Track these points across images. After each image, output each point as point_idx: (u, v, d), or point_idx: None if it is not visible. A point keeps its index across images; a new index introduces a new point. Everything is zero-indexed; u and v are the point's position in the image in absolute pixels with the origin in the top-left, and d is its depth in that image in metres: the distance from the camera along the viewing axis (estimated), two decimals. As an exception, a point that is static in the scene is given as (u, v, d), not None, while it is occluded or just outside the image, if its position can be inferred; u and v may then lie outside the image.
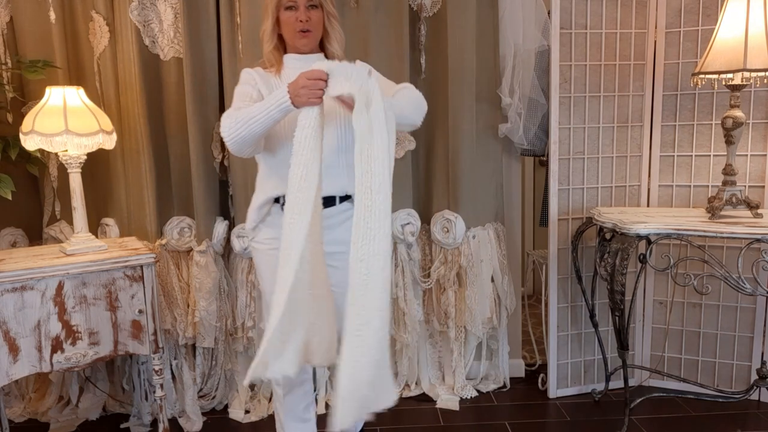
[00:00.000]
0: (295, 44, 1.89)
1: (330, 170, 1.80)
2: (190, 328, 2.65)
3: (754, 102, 2.58)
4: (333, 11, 1.90)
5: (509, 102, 2.70)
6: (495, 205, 2.83)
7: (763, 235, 2.13)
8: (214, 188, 2.67)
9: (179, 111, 2.60)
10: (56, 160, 2.60)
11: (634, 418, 2.58)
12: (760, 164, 2.60)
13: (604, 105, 2.70)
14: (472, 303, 2.75)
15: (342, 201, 1.90)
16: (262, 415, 2.68)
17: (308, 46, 1.89)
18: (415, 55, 2.67)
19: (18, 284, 2.06)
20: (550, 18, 2.61)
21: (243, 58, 2.54)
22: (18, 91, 2.57)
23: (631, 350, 2.84)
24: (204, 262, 2.61)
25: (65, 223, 2.65)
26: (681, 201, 2.73)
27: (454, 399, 2.79)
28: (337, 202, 1.89)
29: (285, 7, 1.84)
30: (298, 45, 1.88)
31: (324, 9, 1.87)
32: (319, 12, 1.86)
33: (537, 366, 3.09)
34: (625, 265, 2.29)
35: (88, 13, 2.57)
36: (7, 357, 2.06)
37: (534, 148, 2.86)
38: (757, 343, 2.68)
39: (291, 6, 1.83)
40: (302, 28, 1.84)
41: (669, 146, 2.72)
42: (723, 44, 2.22)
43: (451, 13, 2.59)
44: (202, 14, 2.53)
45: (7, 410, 2.68)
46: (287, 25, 1.86)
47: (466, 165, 2.69)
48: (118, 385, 2.77)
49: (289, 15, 1.84)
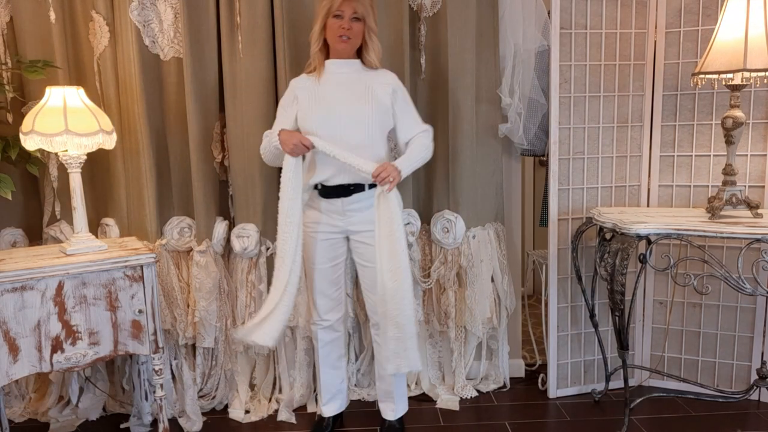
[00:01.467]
0: (336, 47, 2.21)
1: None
2: (190, 328, 2.65)
3: (754, 102, 2.58)
4: (374, 27, 2.22)
5: (509, 102, 2.70)
6: (495, 205, 2.83)
7: (763, 235, 2.13)
8: (214, 188, 2.67)
9: (179, 111, 2.60)
10: (56, 160, 2.60)
11: (634, 418, 2.58)
12: (760, 164, 2.60)
13: (604, 105, 2.70)
14: (472, 303, 2.75)
15: (370, 188, 2.25)
16: (262, 415, 2.68)
17: (346, 50, 2.22)
18: (415, 55, 2.67)
19: (18, 284, 2.06)
20: (550, 18, 2.61)
21: (243, 58, 2.54)
22: (18, 91, 2.57)
23: (631, 350, 2.84)
24: (204, 262, 2.61)
25: (65, 223, 2.65)
26: (681, 201, 2.73)
27: (454, 399, 2.79)
28: (366, 188, 2.25)
29: (333, 15, 2.16)
30: (338, 48, 2.21)
31: (366, 23, 2.19)
32: (361, 25, 2.19)
33: (537, 366, 3.09)
34: (625, 265, 2.29)
35: (88, 13, 2.58)
36: (7, 357, 2.06)
37: (534, 148, 2.85)
38: (757, 343, 2.68)
39: (338, 15, 2.16)
40: (343, 34, 2.16)
41: (669, 146, 2.72)
42: (723, 44, 2.22)
43: (451, 13, 2.59)
44: (202, 14, 2.53)
45: (7, 410, 2.68)
46: (332, 30, 2.18)
47: (466, 165, 2.69)
48: (118, 385, 2.77)
49: (335, 22, 2.17)
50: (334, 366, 2.49)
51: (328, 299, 2.38)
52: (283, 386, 2.78)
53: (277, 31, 2.54)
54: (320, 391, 2.53)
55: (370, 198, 2.24)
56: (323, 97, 2.22)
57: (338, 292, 2.40)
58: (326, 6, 2.16)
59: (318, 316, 2.41)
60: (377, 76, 2.26)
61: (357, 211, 2.26)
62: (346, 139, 2.18)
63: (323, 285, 2.36)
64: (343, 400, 2.58)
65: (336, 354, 2.49)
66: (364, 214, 2.25)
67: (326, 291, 2.37)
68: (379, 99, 2.23)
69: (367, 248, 2.27)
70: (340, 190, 2.24)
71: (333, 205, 2.27)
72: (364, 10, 2.17)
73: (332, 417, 2.54)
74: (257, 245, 2.64)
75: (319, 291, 2.37)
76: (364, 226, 2.25)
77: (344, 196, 2.25)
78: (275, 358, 2.79)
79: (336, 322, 2.42)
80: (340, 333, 2.47)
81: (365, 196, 2.25)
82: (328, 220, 2.29)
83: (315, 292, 2.37)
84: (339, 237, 2.33)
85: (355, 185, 2.23)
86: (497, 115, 2.75)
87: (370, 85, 2.23)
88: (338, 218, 2.28)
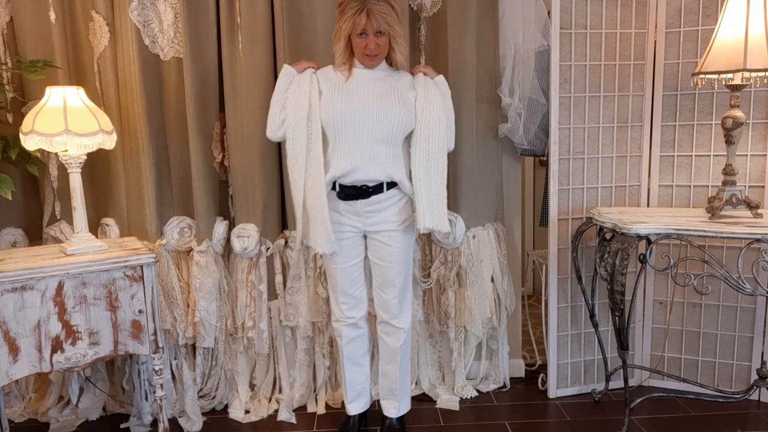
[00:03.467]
0: (364, 63, 2.21)
1: (377, 160, 2.20)
2: (190, 328, 2.65)
3: (754, 102, 2.58)
4: (399, 31, 2.18)
5: (509, 102, 2.70)
6: (495, 205, 2.83)
7: (763, 235, 2.13)
8: (214, 188, 2.67)
9: (179, 111, 2.60)
10: (56, 160, 2.60)
11: (634, 418, 2.58)
12: (760, 164, 2.60)
13: (604, 105, 2.70)
14: (472, 303, 2.75)
15: (389, 188, 2.24)
16: (262, 415, 2.68)
17: (374, 65, 2.22)
18: (415, 55, 2.67)
19: (18, 284, 2.06)
20: (550, 18, 2.61)
21: (243, 58, 2.54)
22: (18, 91, 2.57)
23: (631, 350, 2.84)
24: (204, 262, 2.61)
25: (65, 223, 2.65)
26: (681, 201, 2.73)
27: (454, 399, 2.79)
28: (385, 189, 2.24)
29: (357, 34, 2.13)
30: (366, 64, 2.21)
31: (391, 35, 2.16)
32: (386, 38, 2.16)
33: (537, 366, 3.09)
34: (625, 265, 2.29)
35: (88, 13, 2.58)
36: (7, 357, 2.06)
37: (534, 148, 2.85)
38: (757, 343, 2.68)
39: (362, 33, 2.12)
40: (370, 53, 2.16)
41: (669, 146, 2.72)
42: (723, 44, 2.22)
43: (451, 13, 2.59)
44: (202, 14, 2.53)
45: (7, 410, 2.68)
46: (358, 48, 2.17)
47: (466, 165, 2.69)
48: (118, 385, 2.77)
49: (360, 41, 2.14)
50: (358, 363, 2.49)
51: (351, 297, 2.38)
52: (283, 386, 2.78)
53: (278, 31, 2.54)
54: (345, 389, 2.52)
55: (389, 198, 2.26)
56: (350, 90, 2.20)
57: (360, 290, 2.40)
58: (349, 25, 2.11)
59: (342, 314, 2.41)
60: (402, 77, 2.26)
61: (375, 212, 2.27)
62: (370, 135, 2.17)
63: (345, 283, 2.36)
64: (368, 398, 2.58)
65: (360, 351, 2.48)
66: (382, 215, 2.27)
67: (348, 289, 2.37)
68: (406, 98, 2.21)
69: (384, 247, 2.29)
70: (360, 192, 2.23)
71: (352, 207, 2.27)
72: (387, 24, 2.12)
73: (358, 416, 2.54)
74: (257, 245, 2.64)
75: (341, 290, 2.36)
76: (382, 226, 2.28)
77: (363, 198, 2.24)
78: (275, 358, 2.79)
79: (359, 319, 2.43)
80: (363, 330, 2.47)
81: (383, 197, 2.25)
82: (347, 221, 2.29)
83: (338, 291, 2.37)
84: (358, 236, 2.34)
85: (375, 186, 2.23)
86: (497, 115, 2.75)
87: (396, 85, 2.22)
88: (356, 219, 2.28)
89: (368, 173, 2.20)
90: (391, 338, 2.40)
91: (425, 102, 2.21)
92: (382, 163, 2.21)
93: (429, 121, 2.20)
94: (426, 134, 2.20)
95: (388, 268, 2.30)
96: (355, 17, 2.08)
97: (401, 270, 2.33)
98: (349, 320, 2.41)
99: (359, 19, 2.08)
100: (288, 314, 2.70)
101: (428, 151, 2.21)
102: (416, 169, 2.20)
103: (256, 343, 2.69)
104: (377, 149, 2.19)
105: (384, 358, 2.44)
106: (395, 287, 2.33)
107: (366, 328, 2.49)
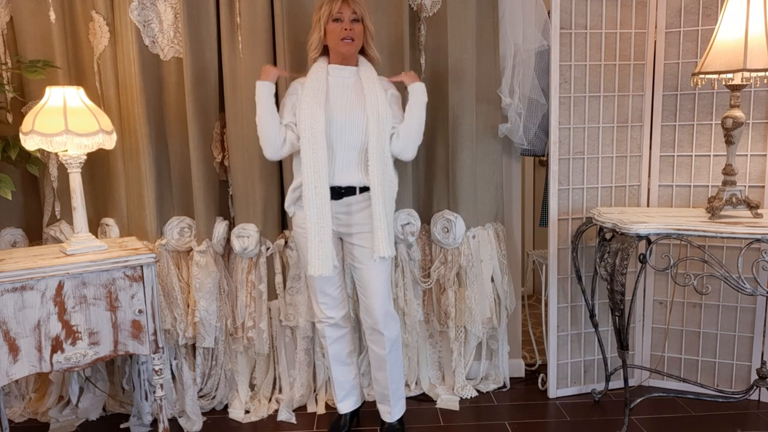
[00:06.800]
0: (340, 50, 2.21)
1: (350, 167, 2.24)
2: (190, 328, 2.65)
3: (754, 102, 2.58)
4: (371, 27, 2.24)
5: (509, 102, 2.70)
6: (495, 205, 2.83)
7: (763, 235, 2.13)
8: (214, 188, 2.67)
9: (179, 111, 2.60)
10: (56, 160, 2.60)
11: (634, 418, 2.58)
12: (760, 164, 2.60)
13: (604, 105, 2.70)
14: (472, 303, 2.75)
15: (361, 192, 2.27)
16: (262, 415, 2.68)
17: (350, 51, 2.22)
18: (415, 55, 2.67)
19: (18, 284, 2.06)
20: (550, 18, 2.61)
21: (243, 58, 2.54)
22: (18, 91, 2.57)
23: (631, 350, 2.84)
24: (204, 262, 2.61)
25: (65, 223, 2.65)
26: (681, 201, 2.73)
27: (454, 399, 2.79)
28: (357, 192, 2.27)
29: (333, 19, 2.17)
30: (342, 51, 2.21)
31: (364, 24, 2.22)
32: (360, 26, 2.21)
33: (537, 366, 3.09)
34: (625, 265, 2.29)
35: (88, 13, 2.58)
36: (7, 357, 2.06)
37: (534, 148, 2.86)
38: (757, 343, 2.68)
39: (338, 18, 2.17)
40: (346, 36, 2.18)
41: (669, 146, 2.72)
42: (723, 44, 2.22)
43: (451, 13, 2.60)
44: (202, 14, 2.53)
45: (7, 410, 2.68)
46: (333, 34, 2.19)
47: (466, 165, 2.69)
48: (118, 385, 2.77)
49: (336, 26, 2.18)
50: (344, 362, 2.50)
51: (329, 297, 2.39)
52: (283, 386, 2.78)
53: (278, 31, 2.54)
54: (333, 389, 2.53)
55: (361, 202, 2.27)
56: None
57: (339, 291, 2.40)
58: (325, 11, 2.18)
59: (323, 314, 2.41)
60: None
61: (347, 214, 2.28)
62: (341, 142, 2.21)
63: (323, 284, 2.36)
64: (358, 397, 2.58)
65: (346, 350, 2.50)
66: (355, 217, 2.28)
67: (327, 289, 2.37)
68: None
69: (358, 249, 2.30)
70: (332, 193, 2.23)
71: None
72: (362, 10, 2.20)
73: (349, 415, 2.55)
74: (257, 245, 2.64)
75: (319, 290, 2.37)
76: (356, 228, 2.29)
77: (335, 199, 2.25)
78: (275, 358, 2.79)
79: (340, 319, 2.43)
80: (347, 329, 2.48)
81: (355, 200, 2.27)
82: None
83: (316, 291, 2.38)
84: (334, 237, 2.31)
85: (347, 188, 2.26)
86: (497, 115, 2.75)
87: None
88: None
89: (342, 178, 2.24)
90: (377, 346, 2.38)
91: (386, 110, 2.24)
92: (356, 170, 2.25)
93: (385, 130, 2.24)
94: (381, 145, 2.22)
95: (364, 270, 2.31)
96: (332, 3, 2.17)
97: (379, 273, 2.30)
98: (330, 320, 2.41)
99: (335, 4, 2.17)
100: (288, 314, 2.70)
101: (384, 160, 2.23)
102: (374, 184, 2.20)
103: (256, 343, 2.69)
104: (351, 157, 2.23)
105: (373, 365, 2.44)
106: (375, 291, 2.31)
107: (349, 327, 2.50)
